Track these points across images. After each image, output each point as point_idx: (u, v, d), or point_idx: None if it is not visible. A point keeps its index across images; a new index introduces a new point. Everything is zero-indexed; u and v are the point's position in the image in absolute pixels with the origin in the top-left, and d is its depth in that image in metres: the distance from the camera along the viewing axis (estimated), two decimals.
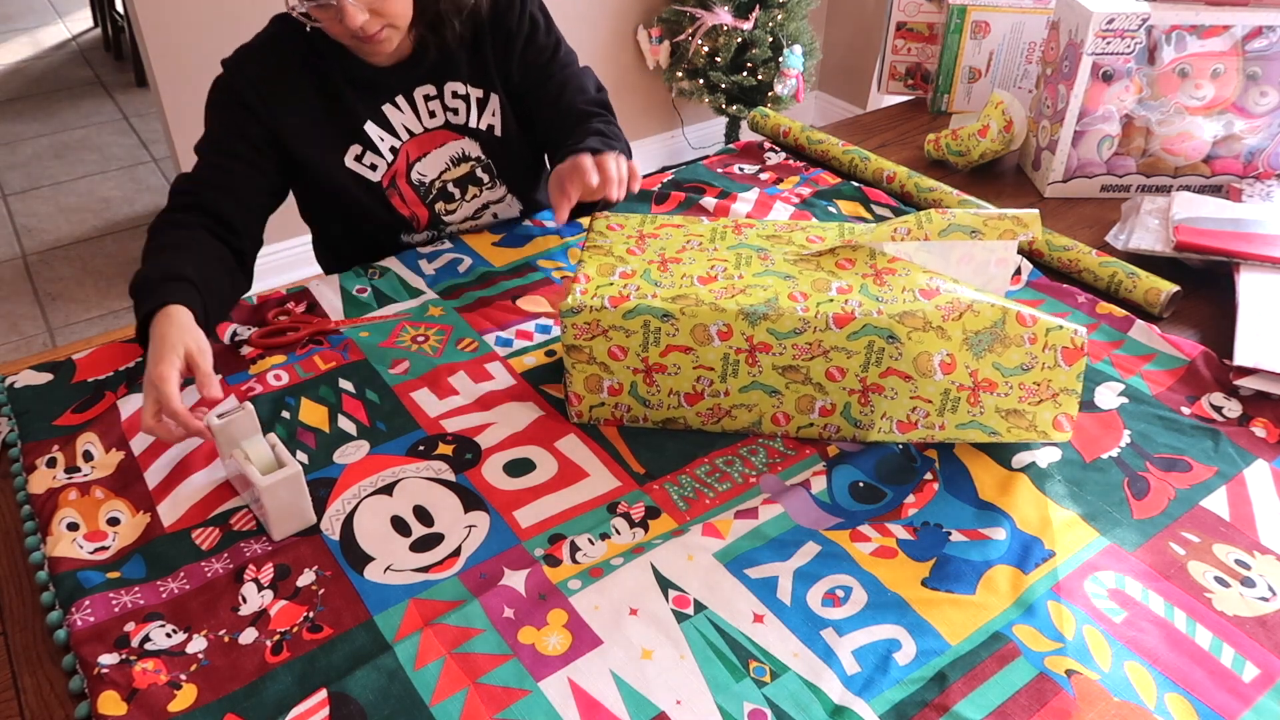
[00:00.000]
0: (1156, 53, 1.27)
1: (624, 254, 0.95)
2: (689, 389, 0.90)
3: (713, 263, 0.93)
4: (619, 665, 0.71)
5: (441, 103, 1.19)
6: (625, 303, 0.87)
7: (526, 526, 0.83)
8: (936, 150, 1.47)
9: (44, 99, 3.73)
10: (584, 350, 0.89)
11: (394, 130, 1.18)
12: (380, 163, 1.18)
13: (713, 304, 0.86)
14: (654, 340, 0.88)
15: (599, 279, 0.91)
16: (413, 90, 1.18)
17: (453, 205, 1.25)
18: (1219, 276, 1.16)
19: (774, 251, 0.94)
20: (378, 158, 1.18)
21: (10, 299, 2.57)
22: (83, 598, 0.76)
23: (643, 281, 0.90)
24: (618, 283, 0.90)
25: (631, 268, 0.92)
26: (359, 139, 1.16)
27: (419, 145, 1.20)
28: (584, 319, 0.88)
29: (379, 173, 1.18)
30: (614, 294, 0.88)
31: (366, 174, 1.18)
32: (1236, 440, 0.93)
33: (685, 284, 0.89)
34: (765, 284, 0.89)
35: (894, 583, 0.78)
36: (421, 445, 0.92)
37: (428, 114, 1.19)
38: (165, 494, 0.86)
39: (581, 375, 0.90)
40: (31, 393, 0.99)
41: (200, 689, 0.70)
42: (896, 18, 1.66)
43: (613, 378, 0.90)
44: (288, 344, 1.05)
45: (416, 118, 1.19)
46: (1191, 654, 0.73)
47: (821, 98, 3.43)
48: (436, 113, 1.20)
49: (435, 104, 1.19)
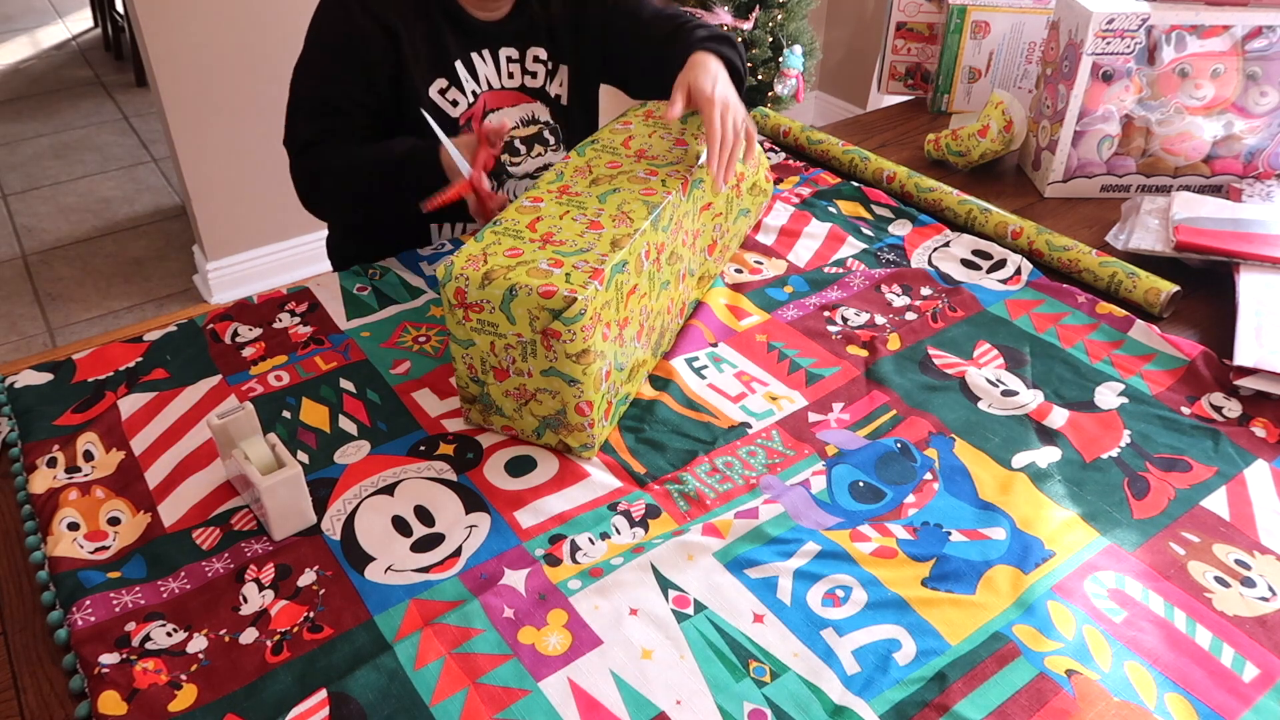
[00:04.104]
0: (1156, 53, 1.27)
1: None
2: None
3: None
4: (619, 665, 0.71)
5: (522, 66, 1.26)
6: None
7: (527, 527, 0.83)
8: (936, 150, 1.47)
9: (44, 99, 3.73)
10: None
11: (477, 78, 1.23)
12: (461, 101, 1.22)
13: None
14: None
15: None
16: (499, 49, 1.23)
17: (518, 159, 1.29)
18: (1219, 276, 1.16)
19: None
20: (460, 95, 1.22)
21: (10, 299, 2.57)
22: (83, 597, 0.76)
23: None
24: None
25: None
26: (446, 73, 1.20)
27: (496, 99, 1.25)
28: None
29: (459, 109, 1.22)
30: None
31: (447, 108, 1.22)
32: (1236, 440, 0.93)
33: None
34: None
35: (894, 583, 0.78)
36: (423, 445, 0.92)
37: (507, 74, 1.25)
38: (166, 494, 0.86)
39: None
40: (32, 393, 0.99)
41: (200, 689, 0.70)
42: (896, 18, 1.66)
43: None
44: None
45: (498, 74, 1.24)
46: (1191, 654, 0.73)
47: (821, 98, 3.43)
48: (515, 74, 1.26)
49: (515, 66, 1.25)
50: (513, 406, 0.90)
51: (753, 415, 0.96)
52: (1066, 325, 1.09)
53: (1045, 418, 0.95)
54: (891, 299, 1.13)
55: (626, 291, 0.89)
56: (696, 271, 1.08)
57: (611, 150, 1.05)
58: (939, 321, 1.10)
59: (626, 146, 1.06)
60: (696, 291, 1.10)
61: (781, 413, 0.96)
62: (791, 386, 1.00)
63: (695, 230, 1.04)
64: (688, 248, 1.03)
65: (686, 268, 1.04)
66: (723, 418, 0.95)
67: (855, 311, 1.11)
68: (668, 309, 1.01)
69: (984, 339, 1.07)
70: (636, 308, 0.92)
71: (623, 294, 0.88)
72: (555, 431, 0.89)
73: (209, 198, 2.39)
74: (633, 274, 0.89)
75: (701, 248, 1.08)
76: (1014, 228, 1.24)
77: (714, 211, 1.08)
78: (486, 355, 0.87)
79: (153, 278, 2.66)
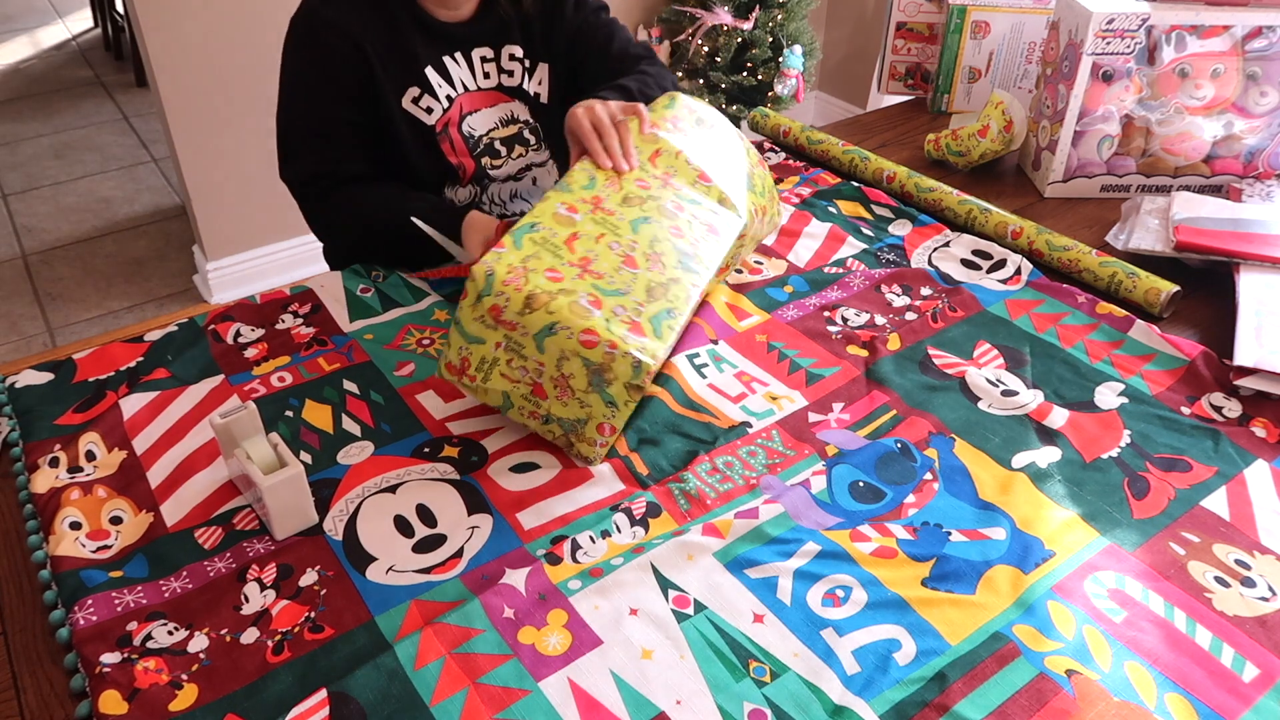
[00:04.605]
0: (1156, 53, 1.27)
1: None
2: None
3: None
4: (619, 665, 0.71)
5: (497, 65, 1.25)
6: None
7: (529, 529, 0.83)
8: (936, 150, 1.47)
9: (44, 99, 3.73)
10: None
11: (451, 81, 1.22)
12: (436, 107, 1.21)
13: None
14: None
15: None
16: (470, 49, 1.23)
17: (498, 161, 1.28)
18: (1219, 276, 1.16)
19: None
20: (434, 101, 1.21)
21: (10, 299, 2.58)
22: (85, 596, 0.76)
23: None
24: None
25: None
26: (418, 81, 1.20)
27: (472, 101, 1.24)
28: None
29: (433, 117, 1.22)
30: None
31: (422, 116, 1.21)
32: (1236, 440, 0.93)
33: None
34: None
35: (894, 583, 0.78)
36: (427, 447, 0.92)
37: (482, 74, 1.24)
38: (168, 493, 0.86)
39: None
40: (32, 392, 0.99)
41: (201, 689, 0.70)
42: (896, 18, 1.66)
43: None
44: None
45: (472, 75, 1.24)
46: (1191, 654, 0.73)
47: (821, 98, 3.43)
48: (491, 74, 1.25)
49: (491, 66, 1.24)
50: (523, 394, 0.88)
51: (753, 415, 0.96)
52: (1066, 325, 1.09)
53: (1045, 418, 0.95)
54: (891, 299, 1.14)
55: (565, 239, 0.89)
56: (702, 206, 1.02)
57: (640, 168, 1.02)
58: (939, 321, 1.10)
59: (653, 163, 1.03)
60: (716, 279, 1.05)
61: (782, 413, 0.96)
62: (791, 386, 1.00)
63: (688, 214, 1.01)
64: (650, 192, 0.99)
65: (674, 199, 1.00)
66: (723, 418, 0.95)
67: (855, 311, 1.11)
68: (670, 234, 0.96)
69: (984, 339, 1.07)
70: (595, 247, 0.91)
71: (557, 243, 0.89)
72: (567, 432, 0.89)
73: (209, 198, 2.39)
74: (556, 225, 0.90)
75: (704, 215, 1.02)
76: (1014, 228, 1.24)
77: (740, 243, 1.05)
78: (499, 360, 0.87)
79: (153, 278, 2.66)
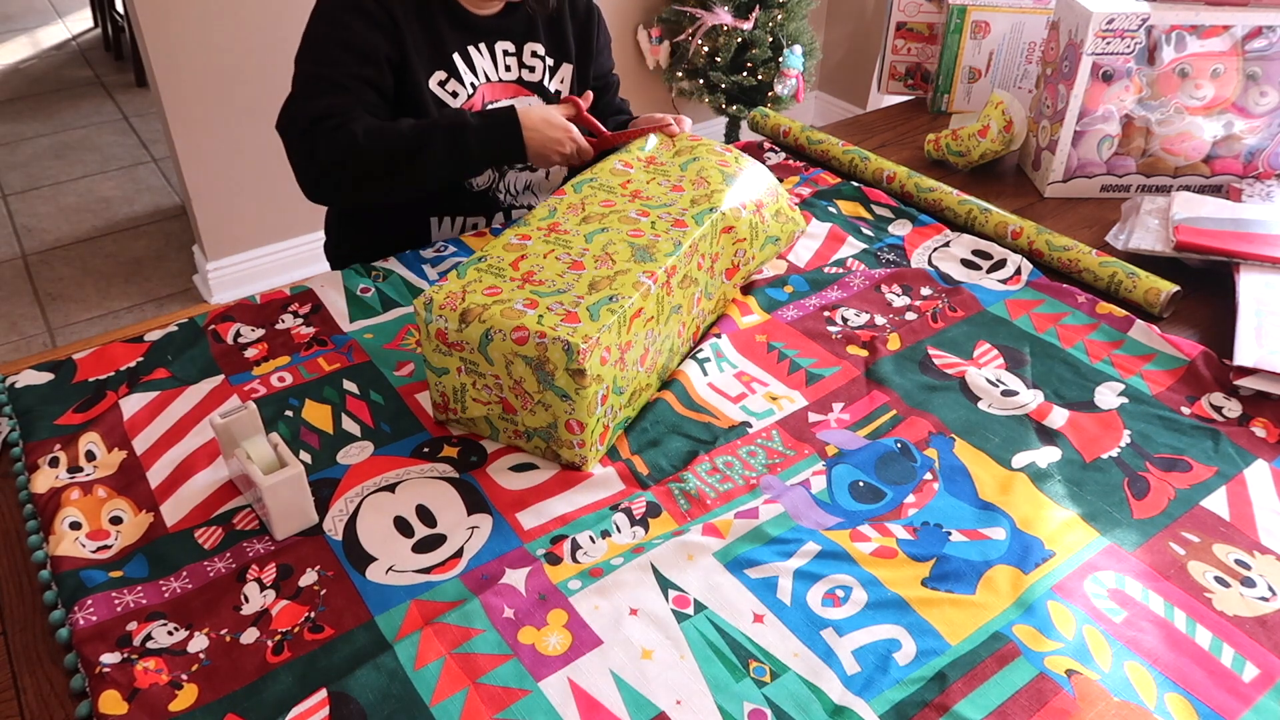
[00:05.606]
0: (1156, 53, 1.27)
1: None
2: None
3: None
4: (619, 665, 0.71)
5: (519, 60, 1.28)
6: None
7: (529, 529, 0.83)
8: (936, 150, 1.47)
9: (44, 99, 3.73)
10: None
11: (475, 70, 1.25)
12: (461, 92, 1.23)
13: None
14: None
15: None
16: (495, 43, 1.26)
17: None
18: (1219, 276, 1.16)
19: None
20: (460, 86, 1.23)
21: (10, 299, 2.58)
22: (85, 596, 0.76)
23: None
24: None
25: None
26: (445, 65, 1.22)
27: (493, 91, 1.27)
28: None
29: (458, 102, 1.23)
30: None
31: (448, 99, 1.23)
32: (1236, 440, 0.93)
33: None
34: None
35: (894, 583, 0.78)
36: (426, 447, 0.92)
37: (504, 67, 1.27)
38: (168, 493, 0.86)
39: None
40: (32, 392, 0.99)
41: (201, 689, 0.70)
42: (896, 18, 1.66)
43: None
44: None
45: (494, 67, 1.26)
46: (1191, 654, 0.73)
47: (821, 98, 3.43)
48: (512, 67, 1.28)
49: (512, 60, 1.28)
50: (499, 415, 0.90)
51: (753, 415, 0.96)
52: (1066, 325, 1.09)
53: (1045, 418, 0.95)
54: (891, 299, 1.14)
55: (630, 315, 0.87)
56: (714, 295, 1.06)
57: (608, 190, 1.05)
58: (939, 321, 1.10)
59: (624, 189, 1.05)
60: (711, 316, 1.08)
61: (782, 413, 0.96)
62: (791, 386, 1.00)
63: (714, 253, 1.03)
64: (704, 271, 1.01)
65: (703, 291, 1.03)
66: (723, 418, 0.95)
67: (855, 311, 1.11)
68: (678, 333, 0.99)
69: (984, 339, 1.07)
70: (642, 332, 0.91)
71: (626, 318, 0.87)
72: (547, 441, 0.89)
73: (209, 198, 2.39)
74: (639, 299, 0.88)
75: (720, 270, 1.06)
76: (1014, 228, 1.24)
77: (735, 236, 1.06)
78: (466, 385, 0.88)
79: (153, 278, 2.66)
